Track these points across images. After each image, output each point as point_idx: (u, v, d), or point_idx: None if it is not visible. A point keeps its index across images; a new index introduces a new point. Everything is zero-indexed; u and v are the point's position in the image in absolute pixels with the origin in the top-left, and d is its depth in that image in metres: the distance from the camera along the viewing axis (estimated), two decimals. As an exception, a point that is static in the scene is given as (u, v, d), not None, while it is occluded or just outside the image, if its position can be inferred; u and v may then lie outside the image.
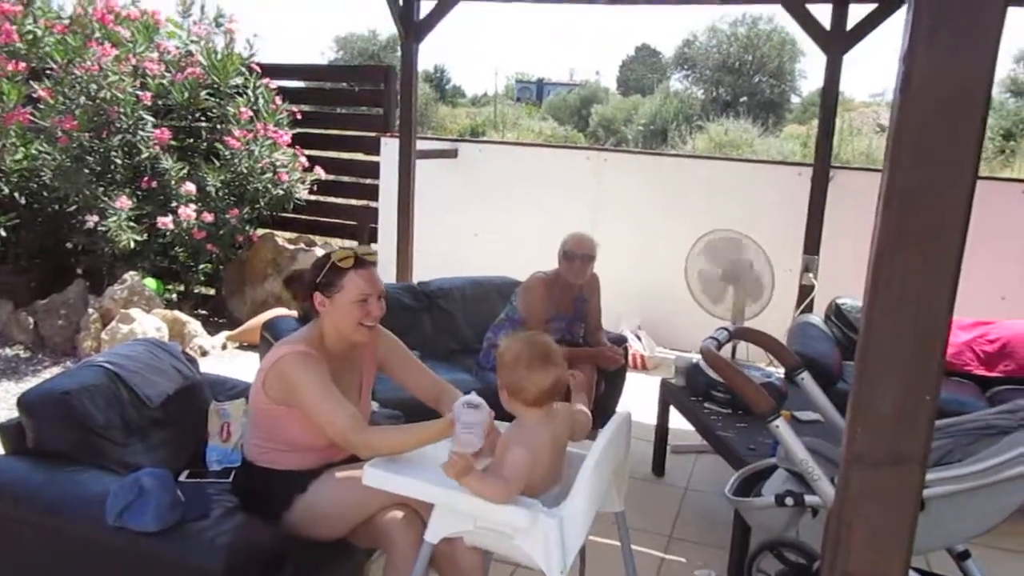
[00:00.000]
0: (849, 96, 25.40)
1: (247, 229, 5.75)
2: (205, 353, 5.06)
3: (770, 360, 4.33)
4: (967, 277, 1.14)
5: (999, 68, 1.10)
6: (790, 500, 2.14)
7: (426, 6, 5.08)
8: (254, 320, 5.34)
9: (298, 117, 6.11)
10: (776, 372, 3.56)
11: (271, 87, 5.95)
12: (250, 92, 5.81)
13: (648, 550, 3.00)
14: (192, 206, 5.19)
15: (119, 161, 5.22)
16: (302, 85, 7.10)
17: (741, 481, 2.45)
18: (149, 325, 4.81)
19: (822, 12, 4.52)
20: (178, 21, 5.93)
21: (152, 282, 5.38)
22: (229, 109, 5.63)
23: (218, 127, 5.69)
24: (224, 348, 5.30)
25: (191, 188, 5.25)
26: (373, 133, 6.32)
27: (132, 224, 5.02)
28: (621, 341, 4.14)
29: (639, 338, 5.46)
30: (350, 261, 2.22)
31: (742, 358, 4.43)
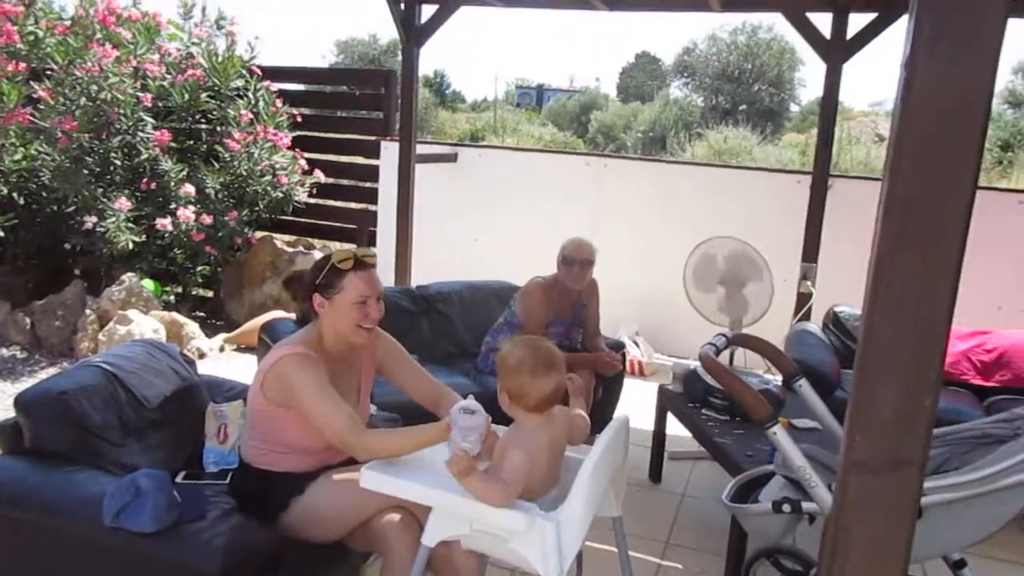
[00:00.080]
0: (848, 105, 25.51)
1: (246, 231, 5.75)
2: (203, 355, 5.05)
3: (768, 367, 4.34)
4: (964, 287, 1.15)
5: (997, 79, 1.11)
6: (787, 507, 2.14)
7: (427, 11, 5.10)
8: (252, 322, 5.33)
9: (298, 120, 6.11)
10: (774, 379, 3.57)
11: (272, 90, 5.95)
12: (251, 95, 5.82)
13: (645, 556, 2.99)
14: (191, 208, 5.19)
15: (119, 162, 5.22)
16: (302, 88, 7.10)
17: (738, 487, 2.45)
18: (147, 327, 4.81)
19: (822, 21, 4.54)
20: (179, 23, 5.94)
21: (150, 283, 5.38)
22: (229, 111, 5.64)
23: (218, 129, 5.69)
24: (222, 350, 5.29)
25: (190, 190, 5.25)
26: (373, 137, 6.33)
27: (131, 225, 5.01)
28: (619, 347, 4.14)
29: (637, 344, 5.46)
30: (350, 263, 2.22)
31: (739, 365, 4.43)
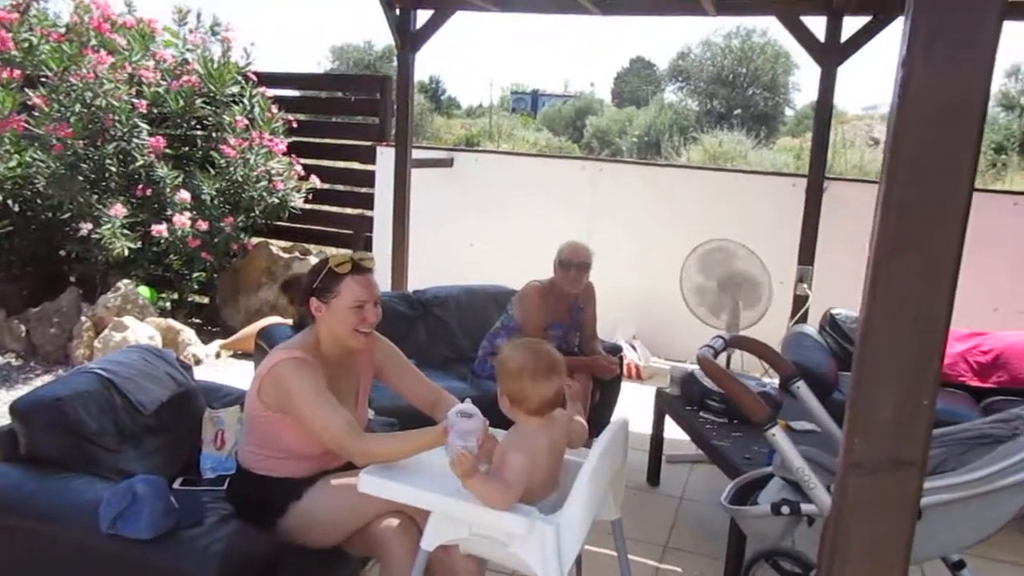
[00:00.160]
0: (842, 109, 25.54)
1: (242, 237, 5.74)
2: (199, 361, 5.04)
3: (765, 370, 4.34)
4: (960, 288, 1.14)
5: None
6: (786, 509, 2.14)
7: (422, 16, 5.11)
8: (248, 328, 5.32)
9: (294, 126, 6.11)
10: (770, 382, 3.57)
11: (267, 96, 5.95)
12: (246, 100, 5.81)
13: (643, 560, 2.99)
14: (187, 214, 5.18)
15: (114, 169, 5.21)
16: (298, 94, 7.09)
17: (737, 490, 2.45)
18: (142, 333, 4.79)
19: (816, 24, 4.56)
20: (174, 29, 5.93)
21: (146, 290, 5.36)
22: (225, 117, 5.63)
23: (213, 135, 5.68)
24: (218, 356, 5.28)
25: (186, 196, 5.24)
26: (369, 142, 6.33)
27: (126, 232, 5.00)
28: (616, 351, 4.15)
29: (634, 348, 5.46)
30: (347, 266, 2.21)
31: (736, 368, 4.43)
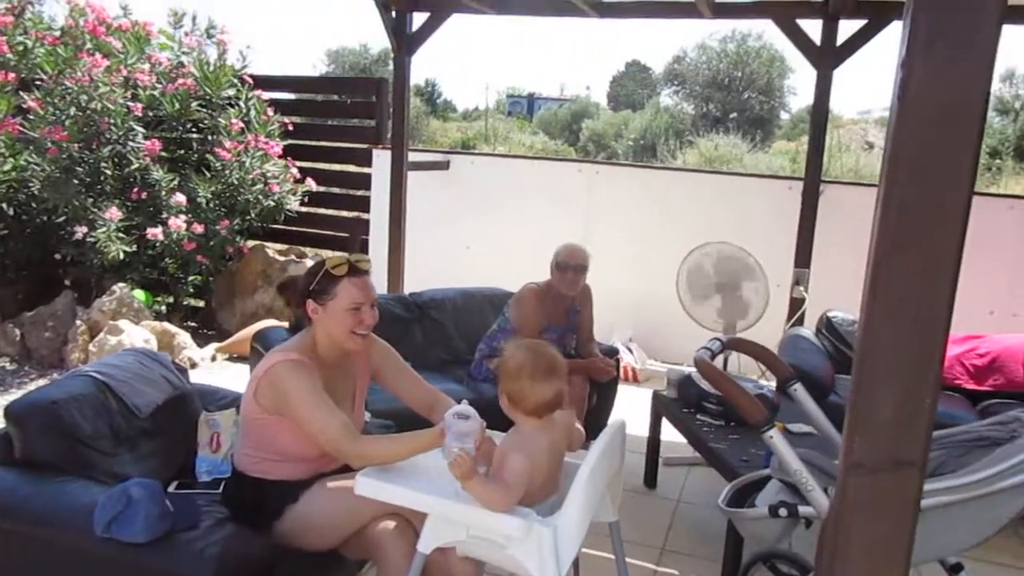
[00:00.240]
0: (837, 113, 25.59)
1: (237, 240, 5.73)
2: (194, 365, 5.02)
3: (762, 373, 4.34)
4: (957, 291, 1.14)
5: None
6: (784, 511, 2.13)
7: (418, 19, 5.11)
8: (243, 332, 5.30)
9: (290, 129, 6.10)
10: (767, 384, 3.57)
11: (263, 99, 5.94)
12: (242, 103, 5.80)
13: (640, 562, 2.98)
14: (182, 217, 5.17)
15: (109, 172, 5.19)
16: (294, 97, 7.10)
17: (734, 492, 2.44)
18: (138, 337, 4.78)
19: (812, 28, 4.57)
20: (170, 32, 5.93)
21: (141, 294, 5.35)
22: (220, 120, 5.62)
23: (209, 138, 5.67)
24: (213, 360, 5.26)
25: (181, 199, 5.22)
26: (365, 145, 6.32)
27: (121, 235, 4.98)
28: (612, 353, 4.14)
29: (631, 350, 5.45)
30: (344, 268, 2.21)
31: (733, 370, 4.43)
